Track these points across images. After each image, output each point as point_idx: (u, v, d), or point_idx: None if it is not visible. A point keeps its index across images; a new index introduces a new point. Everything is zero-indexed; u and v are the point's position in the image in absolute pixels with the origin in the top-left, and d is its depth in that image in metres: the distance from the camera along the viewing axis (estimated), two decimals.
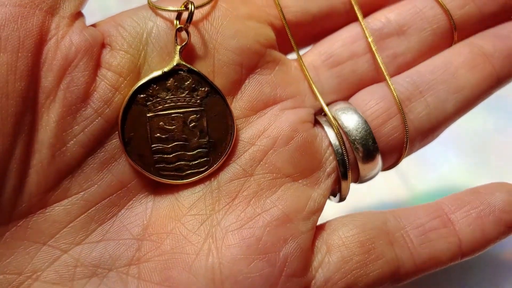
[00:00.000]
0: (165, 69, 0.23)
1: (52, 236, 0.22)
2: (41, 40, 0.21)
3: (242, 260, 0.22)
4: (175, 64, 0.23)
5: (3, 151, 0.20)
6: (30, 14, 0.21)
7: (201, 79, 0.24)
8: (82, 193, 0.22)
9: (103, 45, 0.23)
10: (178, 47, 0.23)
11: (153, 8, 0.24)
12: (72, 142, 0.22)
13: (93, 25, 0.24)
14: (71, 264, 0.22)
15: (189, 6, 0.23)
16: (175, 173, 0.24)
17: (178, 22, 0.24)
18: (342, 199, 0.27)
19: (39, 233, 0.22)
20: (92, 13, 0.25)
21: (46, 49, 0.21)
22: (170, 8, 0.23)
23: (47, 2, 0.22)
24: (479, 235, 0.25)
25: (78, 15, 0.23)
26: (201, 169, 0.24)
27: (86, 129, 0.22)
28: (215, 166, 0.24)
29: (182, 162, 0.24)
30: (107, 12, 0.24)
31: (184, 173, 0.24)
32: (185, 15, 0.24)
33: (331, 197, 0.27)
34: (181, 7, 0.23)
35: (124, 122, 0.23)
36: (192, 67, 0.24)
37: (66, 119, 0.22)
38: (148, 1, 0.24)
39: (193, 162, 0.24)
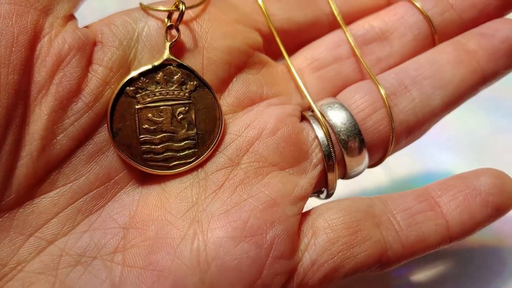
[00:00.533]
0: (155, 63, 0.24)
1: (38, 228, 0.22)
2: (35, 37, 0.22)
3: (228, 242, 0.22)
4: (164, 58, 0.24)
5: None
6: (25, 12, 0.22)
7: (190, 73, 0.25)
8: (69, 184, 0.23)
9: (95, 43, 0.24)
10: (168, 43, 0.25)
11: (145, 9, 0.25)
12: (62, 135, 0.22)
13: (86, 27, 0.25)
14: (56, 254, 0.22)
15: (180, 6, 0.25)
16: (163, 164, 0.24)
17: (169, 21, 0.25)
18: (329, 194, 0.27)
19: (25, 224, 0.22)
20: (91, 14, 0.26)
21: (40, 46, 0.22)
22: (161, 8, 0.25)
23: (42, 2, 0.23)
24: (467, 217, 0.25)
25: (71, 17, 0.24)
26: (189, 160, 0.24)
27: (76, 122, 0.22)
28: (202, 157, 0.24)
29: (169, 153, 0.24)
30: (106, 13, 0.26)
31: (171, 164, 0.24)
32: (175, 15, 0.25)
33: (320, 195, 0.28)
34: (172, 8, 0.25)
35: (113, 114, 0.23)
36: (181, 62, 0.25)
37: (57, 112, 0.22)
38: (140, 3, 0.26)
39: (181, 154, 0.24)
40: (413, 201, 0.25)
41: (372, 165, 0.28)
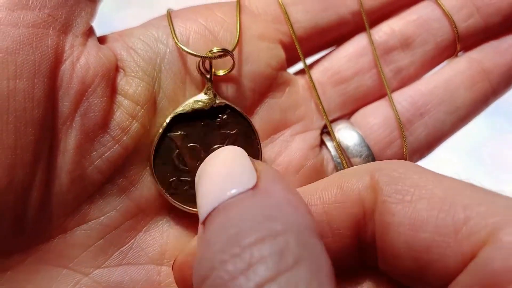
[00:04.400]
0: (205, 105, 0.24)
1: (72, 260, 0.22)
2: (56, 63, 0.21)
3: None
4: (215, 100, 0.24)
5: (25, 180, 0.21)
6: (44, 35, 0.21)
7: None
8: (101, 217, 0.23)
9: (117, 69, 0.23)
10: (210, 81, 0.24)
11: (180, 48, 0.24)
12: (90, 168, 0.22)
13: (101, 40, 0.23)
14: (93, 287, 0.23)
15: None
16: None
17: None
18: None
19: (60, 257, 0.22)
20: None
21: (62, 71, 0.21)
22: (196, 53, 0.23)
23: (60, 21, 0.21)
24: None
25: (90, 31, 0.23)
26: None
27: (103, 156, 0.22)
28: None
29: None
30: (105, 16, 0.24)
31: None
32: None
33: None
34: (207, 54, 0.23)
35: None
36: (232, 105, 0.24)
37: (84, 145, 0.22)
38: (175, 42, 0.24)
39: None
40: None
41: None
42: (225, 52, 0.24)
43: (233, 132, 0.25)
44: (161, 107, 0.24)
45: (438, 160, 0.39)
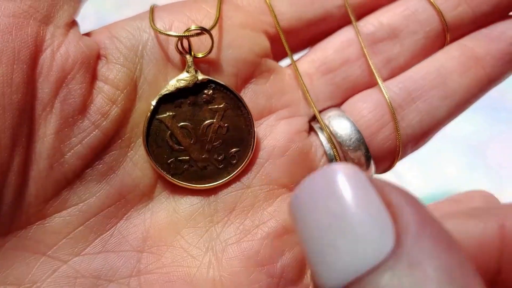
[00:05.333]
0: (187, 82, 0.24)
1: (51, 247, 0.22)
2: (36, 51, 0.21)
3: (242, 272, 0.23)
4: (199, 79, 0.24)
5: (2, 164, 0.20)
6: (24, 25, 0.21)
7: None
8: (81, 204, 0.23)
9: (99, 56, 0.23)
10: (190, 58, 0.24)
11: (156, 30, 0.24)
12: (70, 153, 0.22)
13: (87, 34, 0.24)
14: (71, 275, 0.22)
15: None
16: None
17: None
18: None
19: (38, 243, 0.22)
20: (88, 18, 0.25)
21: (42, 60, 0.21)
22: (173, 33, 0.24)
23: (41, 12, 0.22)
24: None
25: (73, 23, 0.23)
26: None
27: (83, 141, 0.22)
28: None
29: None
30: (103, 17, 0.25)
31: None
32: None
33: None
34: (185, 33, 0.24)
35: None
36: (217, 80, 0.24)
37: (63, 131, 0.22)
38: (151, 25, 0.24)
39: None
40: None
41: (378, 172, 0.28)
42: (202, 30, 0.24)
43: (221, 106, 0.25)
44: (142, 92, 0.24)
45: (439, 160, 0.38)
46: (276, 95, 0.26)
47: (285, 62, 0.29)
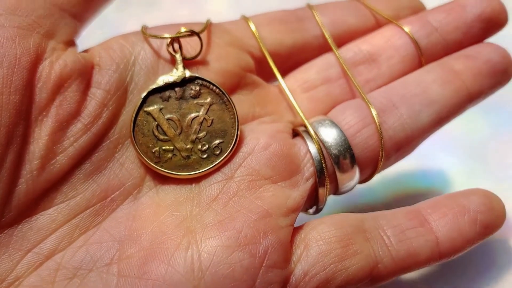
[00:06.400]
0: (175, 78, 0.26)
1: (36, 244, 0.23)
2: (36, 59, 0.23)
3: (222, 251, 0.22)
4: (186, 74, 0.26)
5: None
6: (28, 35, 0.23)
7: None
8: (67, 202, 0.23)
9: (93, 66, 0.25)
10: (180, 57, 0.26)
11: (144, 33, 0.26)
12: (62, 154, 0.23)
13: (85, 51, 0.26)
14: (53, 268, 0.22)
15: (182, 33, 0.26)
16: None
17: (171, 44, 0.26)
18: (318, 209, 0.27)
19: (24, 240, 0.22)
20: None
21: (41, 67, 0.23)
22: (166, 35, 0.26)
23: (44, 27, 0.24)
24: (456, 234, 0.25)
25: (72, 42, 0.25)
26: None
27: (75, 143, 0.23)
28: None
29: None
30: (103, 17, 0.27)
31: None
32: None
33: (309, 210, 0.28)
34: (176, 34, 0.26)
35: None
36: (202, 77, 0.26)
37: (57, 133, 0.23)
38: (142, 28, 0.26)
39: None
40: (403, 218, 0.26)
41: (362, 181, 0.28)
42: (192, 32, 0.26)
43: (207, 101, 0.26)
44: (132, 97, 0.25)
45: (438, 160, 0.37)
46: (260, 104, 0.28)
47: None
